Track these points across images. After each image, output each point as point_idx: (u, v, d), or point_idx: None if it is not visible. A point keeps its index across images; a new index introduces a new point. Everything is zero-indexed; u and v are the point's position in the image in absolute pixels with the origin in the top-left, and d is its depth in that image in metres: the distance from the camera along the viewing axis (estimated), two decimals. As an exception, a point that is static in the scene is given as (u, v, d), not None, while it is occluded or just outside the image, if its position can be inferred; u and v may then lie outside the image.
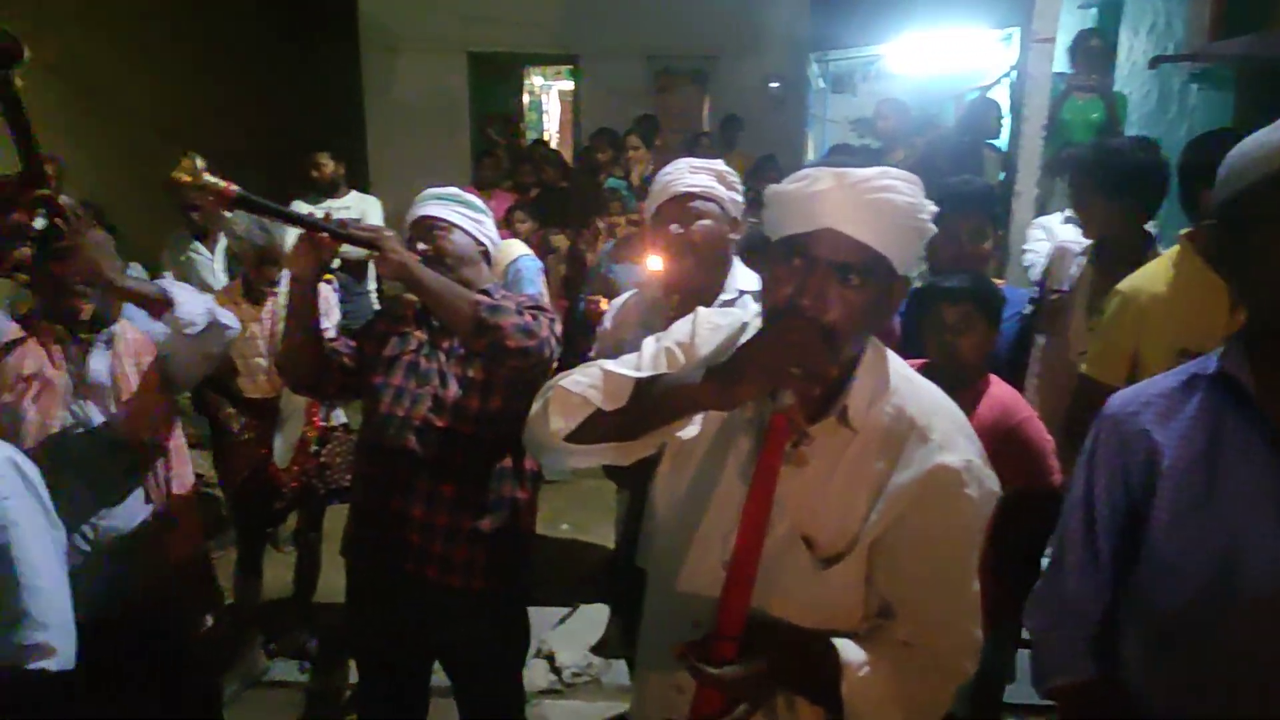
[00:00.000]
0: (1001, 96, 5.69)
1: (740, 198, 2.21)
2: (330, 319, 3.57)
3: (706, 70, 8.25)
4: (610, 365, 1.34)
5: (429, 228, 2.21)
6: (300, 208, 5.02)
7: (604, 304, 3.52)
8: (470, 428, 2.15)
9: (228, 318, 2.20)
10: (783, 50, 8.13)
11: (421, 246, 2.17)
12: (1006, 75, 5.79)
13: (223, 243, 4.39)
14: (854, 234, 1.20)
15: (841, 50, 10.17)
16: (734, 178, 2.20)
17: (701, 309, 1.50)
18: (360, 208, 5.11)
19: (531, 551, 2.34)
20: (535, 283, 3.50)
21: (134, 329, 2.21)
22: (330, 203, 5.06)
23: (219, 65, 8.51)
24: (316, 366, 2.16)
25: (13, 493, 1.46)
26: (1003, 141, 5.28)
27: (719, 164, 2.20)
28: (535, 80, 9.66)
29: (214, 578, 2.42)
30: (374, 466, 2.15)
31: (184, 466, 2.24)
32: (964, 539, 1.27)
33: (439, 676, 2.34)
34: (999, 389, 2.27)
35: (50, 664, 1.49)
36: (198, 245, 4.40)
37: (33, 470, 1.51)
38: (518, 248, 3.61)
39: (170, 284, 2.10)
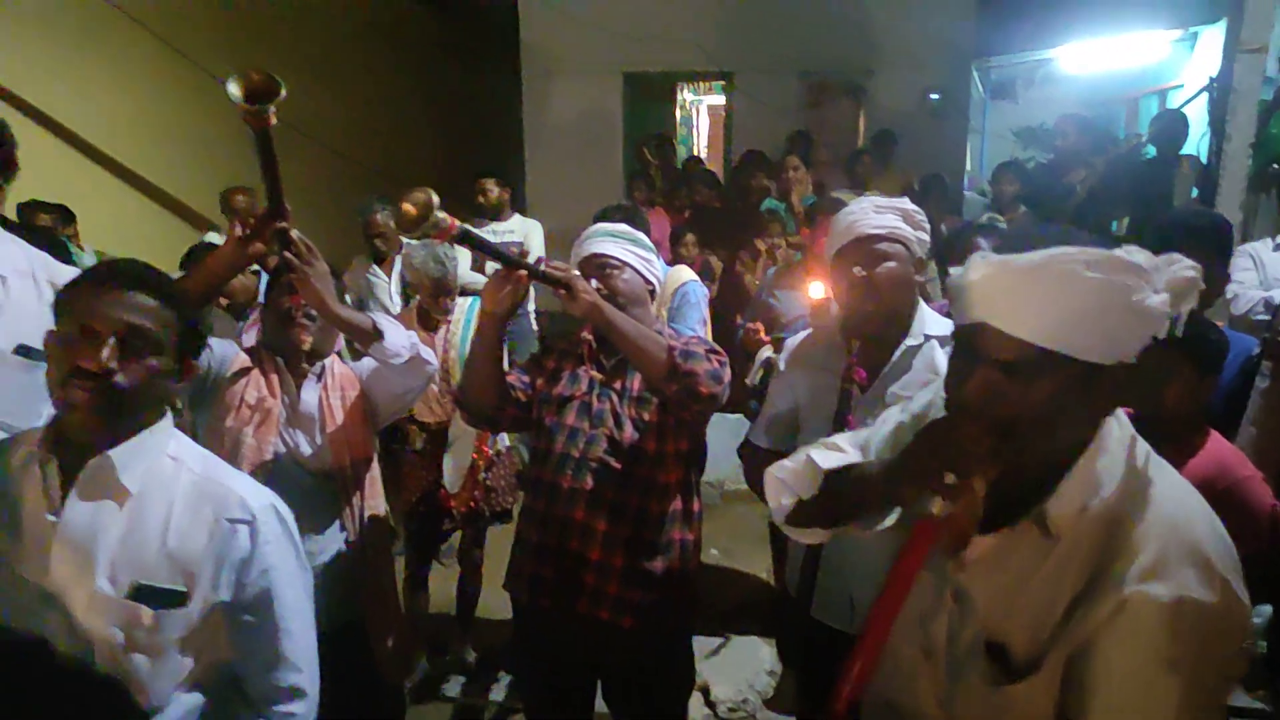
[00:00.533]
0: (1191, 107, 5.28)
1: (927, 236, 2.13)
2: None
3: (862, 84, 8.07)
4: (814, 453, 1.31)
5: (600, 265, 2.23)
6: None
7: (763, 332, 3.48)
8: (646, 470, 2.16)
9: (428, 354, 2.29)
10: (943, 60, 7.85)
11: (593, 284, 2.19)
12: (1206, 89, 5.32)
13: (398, 267, 4.61)
14: (1011, 330, 1.09)
15: (1005, 56, 9.73)
16: (920, 217, 2.11)
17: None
18: (523, 230, 5.26)
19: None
20: (701, 309, 3.49)
21: (341, 363, 2.34)
22: (495, 226, 5.23)
23: (396, 92, 9.02)
24: (497, 400, 2.21)
25: (273, 537, 1.52)
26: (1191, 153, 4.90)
27: (905, 203, 2.12)
28: (685, 95, 9.70)
29: (398, 601, 2.52)
30: (549, 505, 2.18)
31: (376, 498, 2.35)
32: (1166, 678, 1.07)
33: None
34: (1216, 445, 2.09)
35: (298, 708, 1.55)
36: (377, 270, 4.64)
37: (288, 514, 1.57)
38: (685, 273, 3.62)
39: (380, 317, 2.21)
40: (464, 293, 3.74)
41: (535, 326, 5.38)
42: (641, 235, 2.39)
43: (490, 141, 9.53)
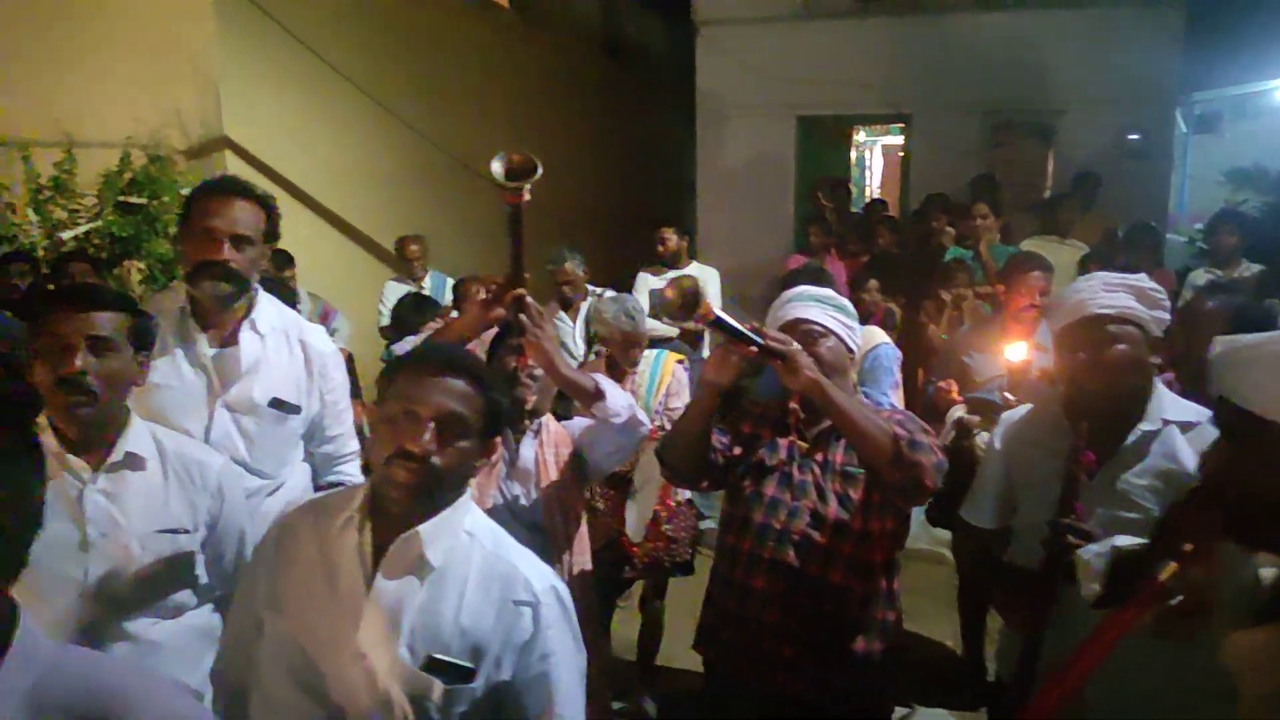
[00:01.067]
0: None
1: (1166, 314, 2.00)
2: (681, 399, 3.74)
3: (1051, 123, 7.71)
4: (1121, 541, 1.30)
5: (805, 332, 2.20)
6: (645, 280, 5.34)
7: (955, 391, 3.36)
8: (849, 547, 2.12)
9: (643, 414, 2.35)
10: (1144, 96, 7.39)
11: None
12: None
13: (583, 313, 4.76)
14: (1241, 402, 1.08)
15: (1214, 90, 9.09)
16: (1159, 294, 1.99)
17: None
18: (701, 278, 5.29)
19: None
20: (893, 373, 3.41)
21: (555, 421, 2.43)
22: (671, 274, 5.31)
23: (570, 136, 9.36)
24: (700, 464, 2.23)
25: (554, 621, 1.55)
26: None
27: (1140, 279, 2.00)
28: (859, 136, 9.57)
29: (598, 655, 2.57)
30: (747, 576, 2.17)
31: (584, 554, 2.42)
32: None
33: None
34: None
35: None
36: (563, 315, 4.81)
37: (567, 595, 1.62)
38: (877, 334, 3.55)
39: (601, 378, 2.28)
40: (650, 344, 3.81)
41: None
42: (846, 301, 2.36)
43: (661, 186, 9.73)
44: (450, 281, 5.97)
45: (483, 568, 1.55)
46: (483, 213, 8.25)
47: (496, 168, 1.98)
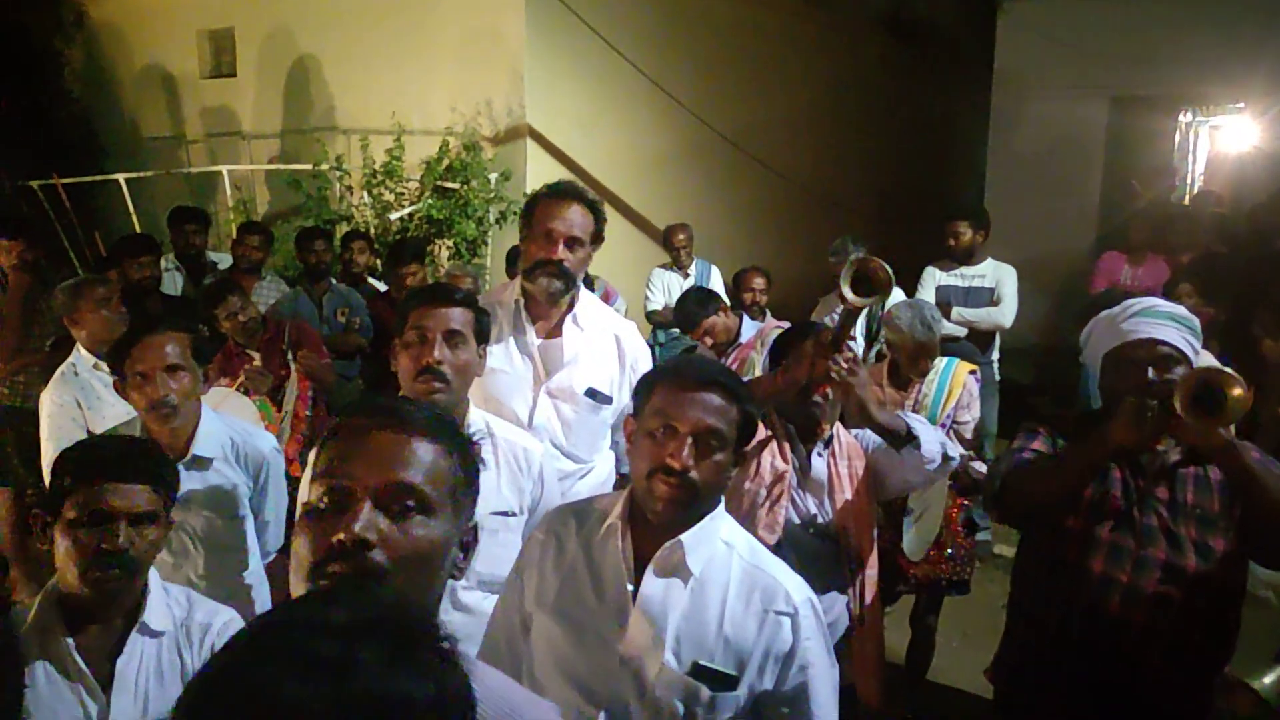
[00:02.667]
0: None
1: None
2: (972, 412, 3.54)
3: None
4: None
5: (1163, 357, 1.97)
6: (933, 275, 5.09)
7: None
8: (1205, 603, 1.91)
9: (954, 450, 2.26)
10: None
11: (1151, 374, 1.96)
12: None
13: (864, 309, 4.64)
14: None
15: None
16: None
17: None
18: (995, 276, 4.98)
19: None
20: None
21: (846, 432, 2.39)
22: (964, 270, 5.03)
23: (846, 116, 9.13)
24: (1051, 514, 2.07)
25: (812, 633, 1.57)
26: None
27: None
28: (1183, 118, 8.53)
29: (883, 670, 2.52)
30: (1090, 632, 1.99)
31: (873, 569, 2.37)
32: None
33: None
34: None
35: None
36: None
37: (820, 607, 1.64)
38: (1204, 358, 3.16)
39: (912, 418, 2.22)
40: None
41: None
42: (1196, 321, 2.11)
43: (949, 173, 9.24)
44: (715, 270, 6.03)
45: (742, 577, 1.57)
46: (755, 196, 8.29)
47: (846, 278, 1.99)
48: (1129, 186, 6.57)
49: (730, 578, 1.58)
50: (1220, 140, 8.86)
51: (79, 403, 3.06)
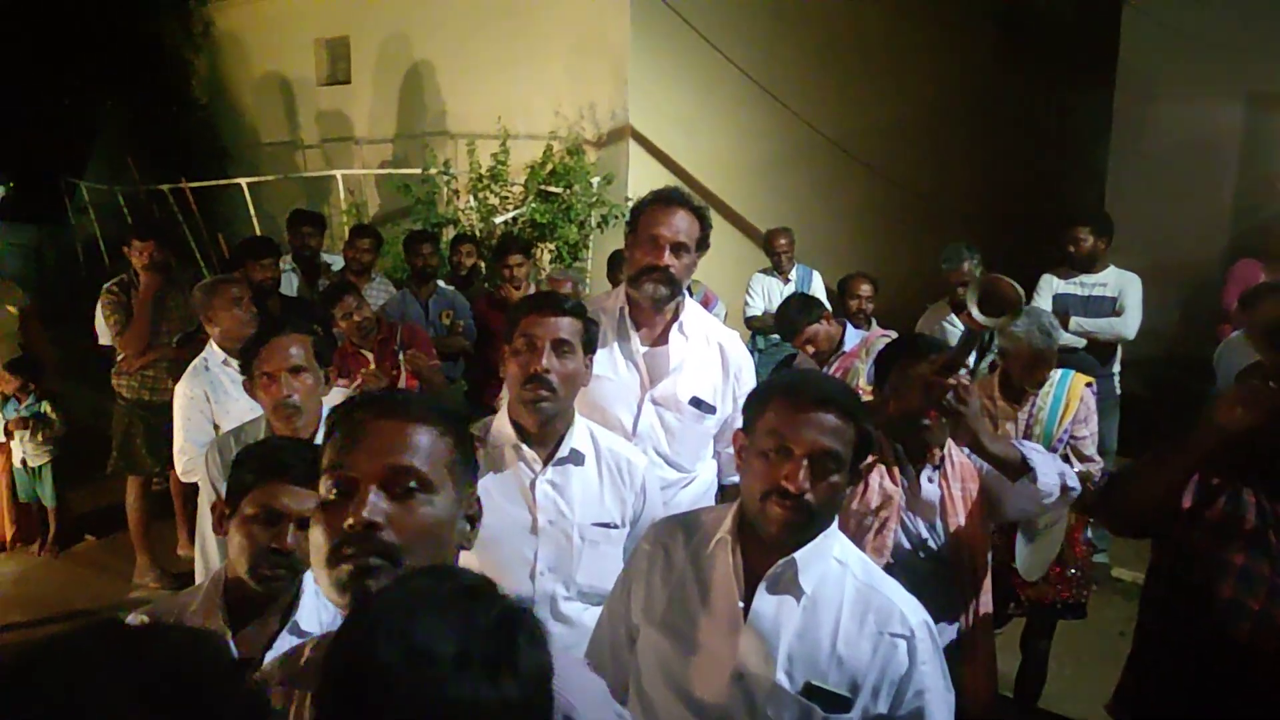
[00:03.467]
0: None
1: None
2: (1089, 426, 3.36)
3: None
4: None
5: None
6: (1051, 283, 4.86)
7: None
8: None
9: (1074, 480, 2.14)
10: None
11: None
12: None
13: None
14: None
15: None
16: None
17: None
18: (1118, 285, 4.71)
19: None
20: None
21: (959, 452, 2.29)
22: (1084, 278, 4.78)
23: (954, 114, 8.84)
24: (1163, 517, 1.94)
25: (929, 657, 1.52)
26: None
27: None
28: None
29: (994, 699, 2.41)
30: (1218, 660, 1.87)
31: (988, 594, 2.26)
32: None
33: None
34: None
35: None
36: (953, 318, 4.55)
37: (936, 631, 1.59)
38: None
39: (1030, 449, 2.11)
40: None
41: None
42: None
43: (1061, 174, 8.84)
44: (817, 275, 5.91)
45: (856, 598, 1.54)
46: (860, 200, 8.11)
47: (973, 297, 1.90)
48: (1267, 189, 6.14)
49: (844, 597, 1.54)
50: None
51: (207, 396, 3.21)
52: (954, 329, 4.56)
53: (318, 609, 1.75)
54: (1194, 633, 1.92)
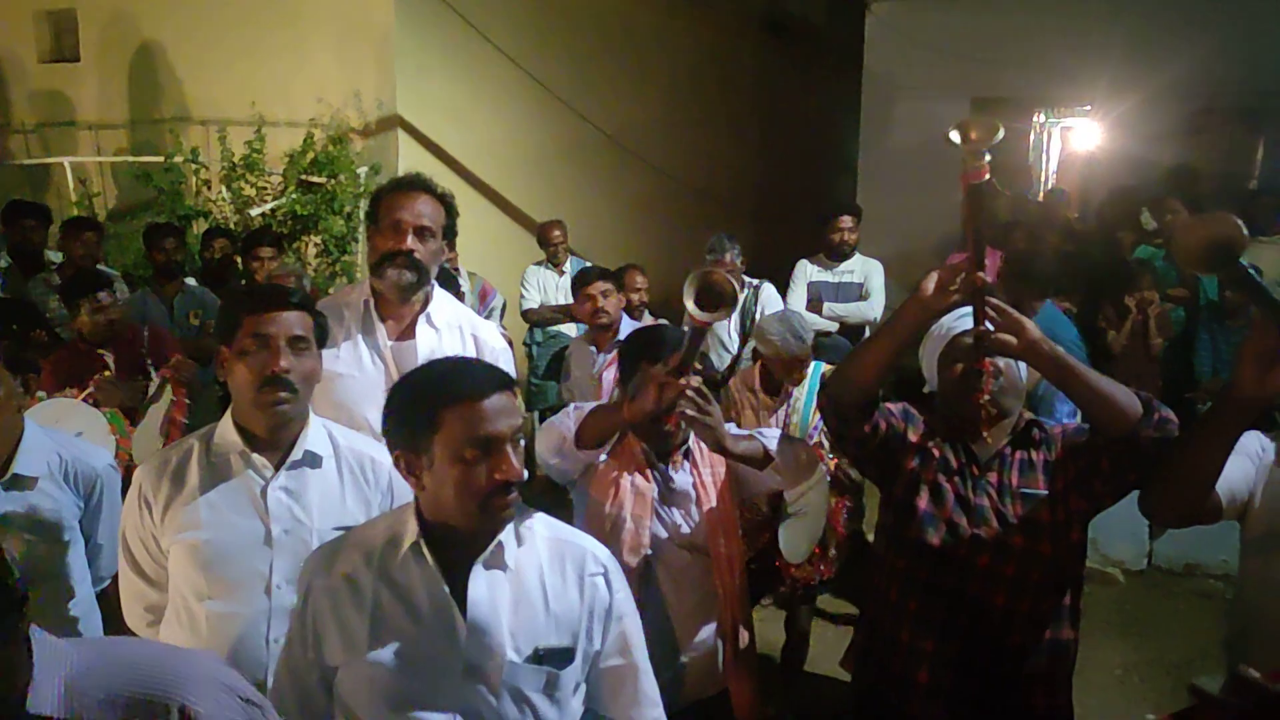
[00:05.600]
0: None
1: None
2: None
3: (1263, 108, 6.98)
4: None
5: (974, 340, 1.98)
6: (806, 270, 5.16)
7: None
8: (1037, 574, 1.98)
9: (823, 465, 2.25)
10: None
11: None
12: None
13: (740, 304, 4.67)
14: None
15: None
16: None
17: None
18: (864, 271, 5.09)
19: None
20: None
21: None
22: (835, 265, 5.12)
23: (725, 112, 9.22)
24: (870, 400, 2.02)
25: (620, 585, 1.65)
26: None
27: None
28: (1038, 118, 8.98)
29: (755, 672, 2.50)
30: (917, 603, 2.05)
31: (743, 578, 2.33)
32: None
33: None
34: None
35: None
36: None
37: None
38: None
39: (768, 436, 2.20)
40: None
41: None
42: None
43: (822, 170, 9.46)
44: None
45: (551, 553, 1.61)
46: (634, 192, 8.28)
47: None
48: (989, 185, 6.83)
49: (541, 558, 1.60)
50: (1071, 140, 9.36)
51: None
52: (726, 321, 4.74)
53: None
54: (901, 581, 2.09)
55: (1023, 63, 7.41)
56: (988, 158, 1.68)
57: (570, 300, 5.54)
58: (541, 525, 1.64)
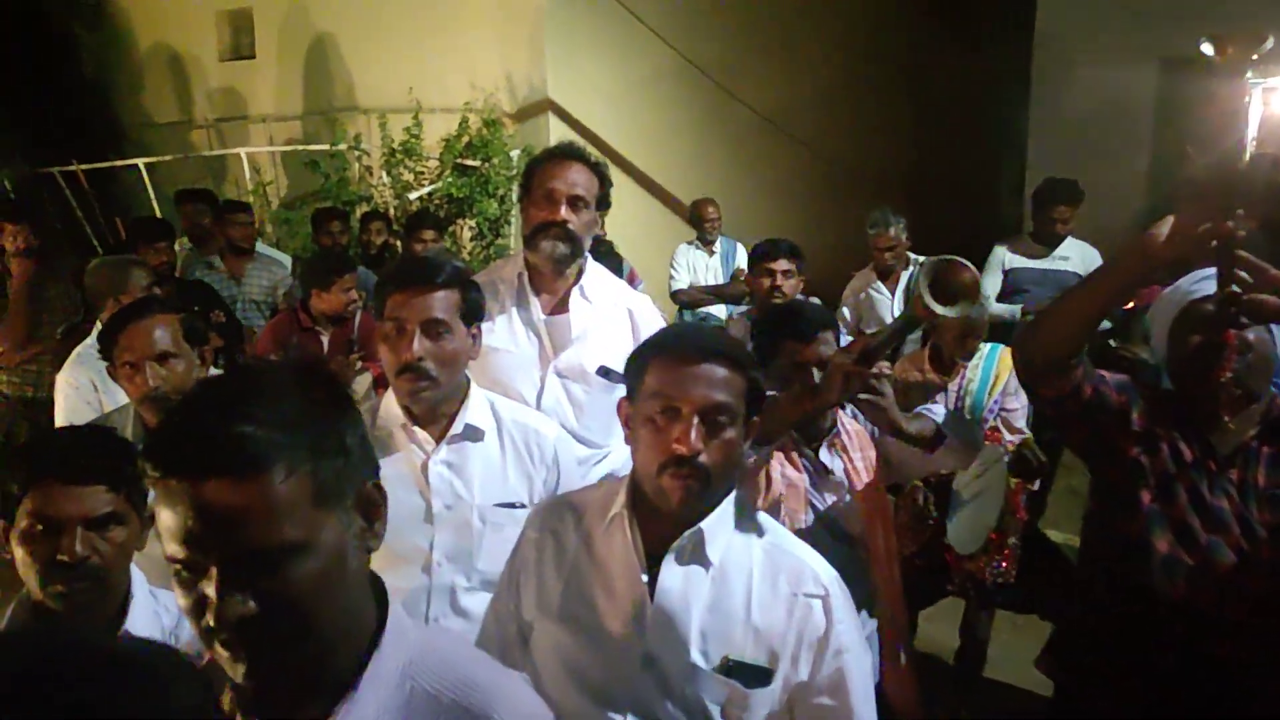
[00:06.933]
0: None
1: None
2: (1020, 399, 3.29)
3: None
4: None
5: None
6: (1002, 256, 4.54)
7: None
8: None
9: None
10: None
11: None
12: None
13: (903, 284, 4.40)
14: None
15: None
16: None
17: None
18: (1082, 258, 4.42)
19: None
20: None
21: (849, 419, 2.15)
22: (1055, 254, 4.44)
23: (875, 83, 8.78)
24: (1069, 358, 1.76)
25: (844, 615, 1.44)
26: None
27: None
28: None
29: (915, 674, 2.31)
30: (1142, 610, 1.79)
31: (897, 570, 2.15)
32: None
33: None
34: None
35: None
36: (879, 285, 4.47)
37: (848, 591, 1.48)
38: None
39: (938, 413, 2.00)
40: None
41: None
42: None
43: (980, 141, 8.90)
44: (741, 247, 5.77)
45: (765, 561, 1.45)
46: (785, 170, 8.02)
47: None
48: (1180, 153, 6.19)
49: (753, 562, 1.44)
50: (1275, 102, 8.41)
51: (95, 384, 2.92)
52: (881, 296, 4.49)
53: (157, 612, 1.54)
54: (1119, 584, 1.83)
55: (1220, 19, 6.69)
56: (1250, 76, 1.40)
57: (720, 281, 5.43)
58: (764, 528, 1.49)
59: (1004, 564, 3.08)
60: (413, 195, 6.18)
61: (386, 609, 1.00)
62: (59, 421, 2.93)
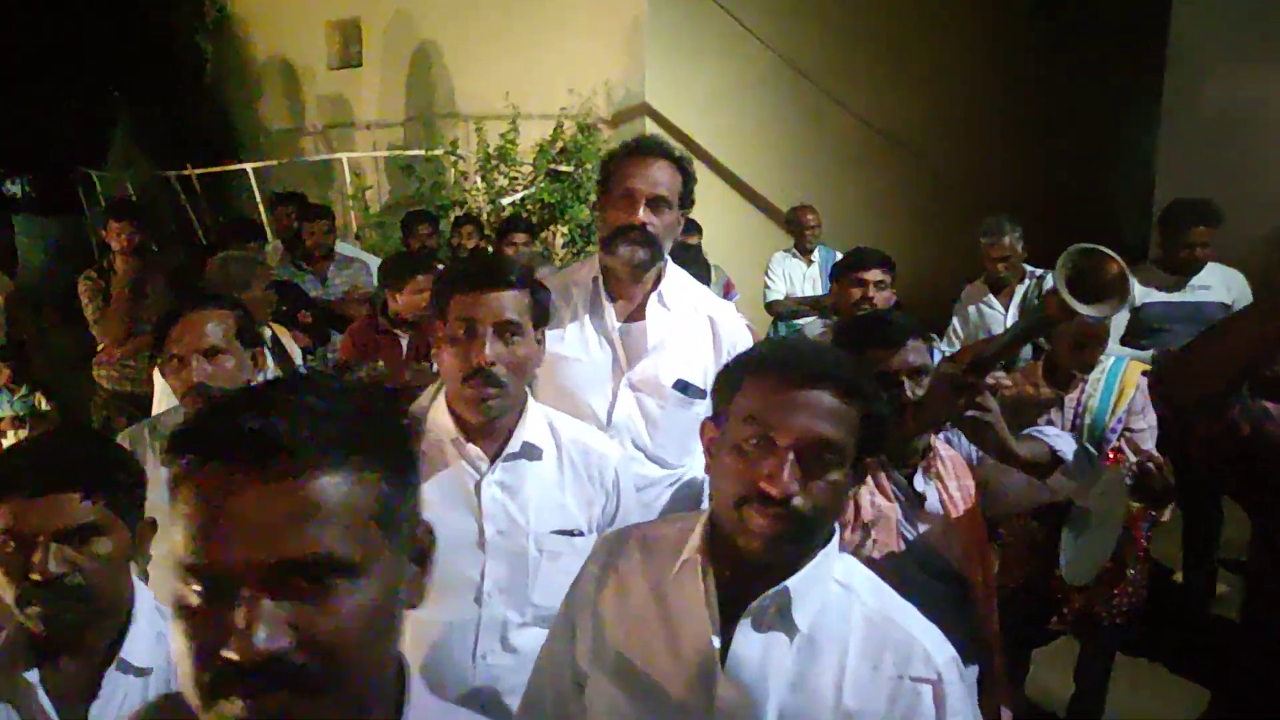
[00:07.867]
0: None
1: None
2: (1147, 419, 2.98)
3: None
4: None
5: None
6: (1135, 290, 4.08)
7: None
8: None
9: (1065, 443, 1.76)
10: None
11: None
12: None
13: (1017, 298, 4.09)
14: None
15: None
16: None
17: None
18: (1225, 284, 3.96)
19: None
20: None
21: (945, 445, 1.91)
22: (1192, 283, 3.90)
23: (1002, 100, 8.35)
24: (1224, 399, 1.53)
25: (960, 707, 1.19)
26: None
27: None
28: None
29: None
30: None
31: (995, 610, 1.90)
32: None
33: None
34: None
35: None
36: (991, 299, 4.17)
37: (965, 674, 1.25)
38: None
39: (1055, 437, 1.75)
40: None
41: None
42: None
43: (1101, 154, 8.37)
44: (839, 258, 5.50)
45: (866, 632, 1.20)
46: (886, 180, 7.68)
47: (1060, 276, 1.43)
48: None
49: (850, 632, 1.20)
50: None
51: None
52: (993, 311, 4.17)
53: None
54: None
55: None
56: None
57: (819, 292, 5.17)
58: (868, 592, 1.24)
59: (1120, 598, 2.76)
60: (505, 200, 6.16)
61: (406, 683, 0.84)
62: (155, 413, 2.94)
